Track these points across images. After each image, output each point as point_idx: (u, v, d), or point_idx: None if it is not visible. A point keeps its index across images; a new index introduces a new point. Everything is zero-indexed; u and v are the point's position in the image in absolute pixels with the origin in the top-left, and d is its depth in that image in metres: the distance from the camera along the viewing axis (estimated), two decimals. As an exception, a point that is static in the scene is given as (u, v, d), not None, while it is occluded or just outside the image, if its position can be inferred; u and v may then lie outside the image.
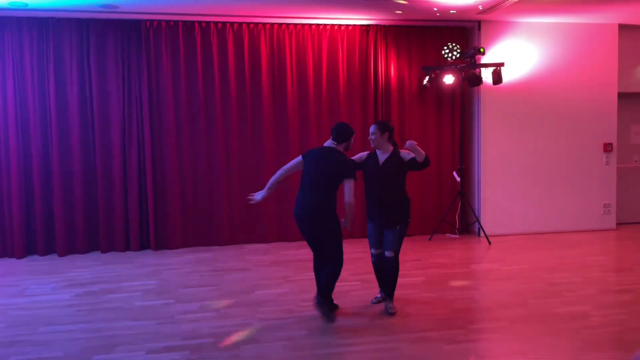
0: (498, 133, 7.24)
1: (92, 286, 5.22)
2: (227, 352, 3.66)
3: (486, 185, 7.27)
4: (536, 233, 7.33)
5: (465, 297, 4.77)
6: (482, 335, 3.94)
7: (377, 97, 7.18)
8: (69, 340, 3.89)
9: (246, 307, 4.55)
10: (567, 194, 7.43)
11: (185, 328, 4.10)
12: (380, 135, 4.33)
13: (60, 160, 6.45)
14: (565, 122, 7.36)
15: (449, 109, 7.39)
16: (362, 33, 7.11)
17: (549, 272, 5.48)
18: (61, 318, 4.35)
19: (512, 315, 4.27)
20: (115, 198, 6.60)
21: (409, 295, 4.79)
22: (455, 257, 6.22)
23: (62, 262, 6.20)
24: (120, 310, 4.51)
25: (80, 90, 6.50)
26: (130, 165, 6.62)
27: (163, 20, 6.59)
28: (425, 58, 7.23)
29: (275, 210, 7.04)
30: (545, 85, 7.27)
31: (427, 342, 3.77)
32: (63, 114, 6.46)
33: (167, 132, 6.69)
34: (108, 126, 6.57)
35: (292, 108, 7.00)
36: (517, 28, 7.16)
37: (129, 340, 3.87)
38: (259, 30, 6.86)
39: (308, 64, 7.01)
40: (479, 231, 7.21)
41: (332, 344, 3.76)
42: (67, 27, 6.40)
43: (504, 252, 6.42)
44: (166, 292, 5.02)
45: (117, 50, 6.52)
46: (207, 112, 6.81)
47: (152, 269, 5.85)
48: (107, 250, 6.62)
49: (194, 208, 6.86)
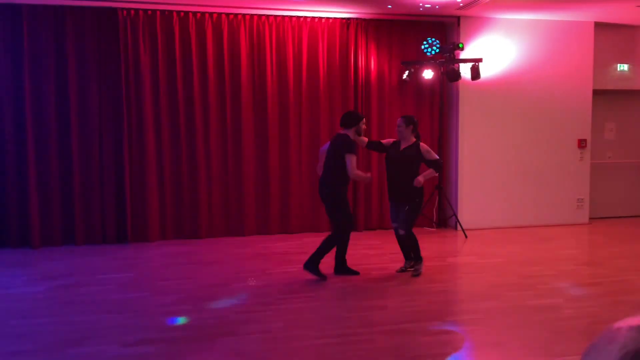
0: (476, 128, 7.31)
1: (67, 279, 5.14)
2: (203, 345, 3.64)
3: (463, 179, 7.35)
4: (512, 227, 7.45)
5: (441, 290, 4.83)
6: (458, 328, 3.99)
7: (357, 90, 7.19)
8: (41, 332, 3.83)
9: (223, 299, 4.53)
10: (542, 189, 7.56)
11: (161, 321, 4.06)
12: (405, 127, 5.03)
13: (36, 151, 6.32)
14: (541, 118, 7.47)
15: (428, 104, 7.44)
16: (342, 26, 7.10)
17: (523, 266, 5.58)
18: (34, 311, 4.28)
19: (486, 308, 4.34)
20: (91, 189, 6.50)
21: (385, 288, 4.83)
22: (432, 250, 6.28)
23: (37, 255, 6.09)
24: (95, 303, 4.45)
25: (56, 79, 6.36)
26: (108, 156, 6.52)
27: (140, 9, 6.48)
28: (405, 52, 7.26)
29: (255, 203, 7.02)
30: (522, 81, 7.37)
31: (403, 334, 3.81)
32: (38, 103, 6.32)
33: (145, 122, 6.60)
34: (85, 116, 6.46)
35: (272, 100, 6.97)
36: (495, 24, 7.23)
37: (103, 333, 3.82)
38: (238, 21, 6.80)
39: (288, 57, 6.98)
40: (456, 225, 7.29)
41: (309, 336, 3.77)
42: (42, 15, 6.25)
43: (480, 245, 6.51)
44: (142, 284, 4.97)
45: (94, 39, 6.40)
46: (185, 103, 6.73)
47: (129, 262, 5.79)
48: (83, 242, 6.53)
49: (173, 200, 6.80)
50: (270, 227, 7.05)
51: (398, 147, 5.07)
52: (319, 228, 7.15)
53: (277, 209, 7.09)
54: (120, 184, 6.60)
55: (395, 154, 5.04)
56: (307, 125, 7.12)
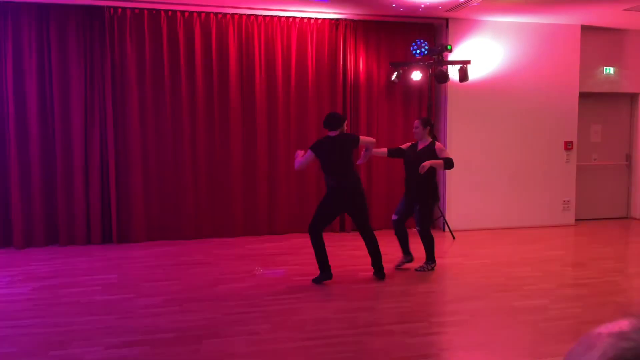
0: (464, 130, 7.35)
1: (51, 280, 5.08)
2: (188, 347, 3.61)
3: (451, 181, 7.38)
4: (499, 228, 7.49)
5: (427, 291, 4.84)
6: (443, 329, 4.00)
7: (346, 91, 7.19)
8: (25, 335, 3.77)
9: (209, 301, 4.50)
10: (529, 191, 7.61)
11: (146, 322, 4.02)
12: (422, 129, 5.25)
13: (18, 151, 6.24)
14: (528, 120, 7.53)
15: (416, 105, 7.46)
16: (331, 27, 7.09)
17: (509, 267, 5.61)
18: (17, 313, 4.21)
19: (472, 309, 4.35)
20: (75, 189, 6.42)
21: (372, 289, 4.83)
22: (420, 252, 6.27)
23: (20, 256, 6.00)
24: (79, 305, 4.40)
25: (39, 78, 6.29)
26: (92, 156, 6.45)
27: (127, 8, 6.42)
28: (394, 54, 7.27)
29: (242, 203, 6.99)
30: (509, 83, 7.41)
31: (389, 335, 3.81)
32: (21, 103, 6.24)
33: (131, 122, 6.54)
34: (68, 115, 6.38)
35: (260, 101, 6.94)
36: (483, 26, 7.27)
37: (87, 335, 3.77)
38: (227, 20, 6.77)
39: (277, 57, 6.95)
40: (443, 226, 7.31)
41: (295, 337, 3.76)
42: (26, 12, 6.17)
43: (467, 246, 6.54)
44: (127, 286, 4.92)
45: (79, 38, 6.33)
46: (172, 103, 6.68)
47: (114, 263, 5.72)
48: (67, 243, 6.45)
49: (158, 200, 6.74)
50: (257, 228, 7.02)
51: (415, 148, 5.30)
52: (306, 229, 7.11)
53: (265, 210, 7.06)
54: (105, 184, 6.54)
55: (413, 154, 5.24)
56: (295, 126, 7.11)
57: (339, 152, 4.92)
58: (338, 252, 6.16)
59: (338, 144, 4.93)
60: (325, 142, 4.96)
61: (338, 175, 4.92)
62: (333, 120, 4.98)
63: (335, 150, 4.92)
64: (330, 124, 4.97)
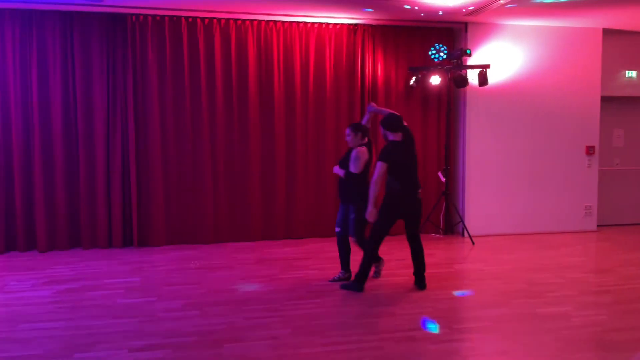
0: (483, 134, 7.30)
1: (74, 283, 5.15)
2: (210, 351, 3.63)
3: (470, 186, 7.33)
4: (519, 234, 7.41)
5: (449, 297, 4.80)
6: (466, 335, 3.96)
7: (364, 96, 7.19)
8: (49, 337, 3.83)
9: (230, 305, 4.52)
10: (550, 196, 7.52)
11: (168, 326, 4.06)
12: (354, 136, 5.03)
13: (42, 156, 6.35)
14: (548, 124, 7.45)
15: (435, 110, 7.43)
16: (349, 32, 7.11)
17: (530, 273, 5.54)
18: (41, 315, 4.28)
19: (494, 315, 4.31)
20: (98, 194, 6.51)
21: (393, 294, 4.81)
22: (439, 257, 6.26)
23: (43, 259, 6.10)
24: (102, 308, 4.45)
25: (63, 84, 6.40)
26: (114, 161, 6.53)
27: (149, 15, 6.51)
28: (412, 58, 7.26)
29: (260, 208, 7.01)
30: (529, 87, 7.35)
31: (412, 341, 3.79)
32: (45, 108, 6.35)
33: (152, 128, 6.62)
34: (91, 121, 6.48)
35: (278, 106, 6.97)
36: (503, 30, 7.22)
37: (111, 338, 3.82)
38: (246, 27, 6.82)
39: (295, 62, 6.99)
40: (462, 231, 7.26)
41: (316, 343, 3.76)
42: (51, 20, 6.29)
43: (487, 252, 6.48)
44: (149, 289, 4.97)
45: (102, 45, 6.43)
46: (192, 109, 6.75)
47: (135, 266, 5.79)
48: (89, 246, 6.54)
49: (178, 205, 6.80)
50: (275, 233, 7.04)
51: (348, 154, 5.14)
52: (323, 234, 7.14)
53: (283, 214, 7.08)
54: (126, 188, 6.62)
55: (342, 160, 5.16)
56: (313, 131, 7.13)
57: (412, 155, 4.86)
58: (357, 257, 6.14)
59: (410, 147, 4.85)
60: (396, 148, 4.79)
61: (412, 181, 4.83)
62: (397, 122, 4.84)
63: (410, 154, 4.84)
64: (398, 126, 4.82)
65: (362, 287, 4.87)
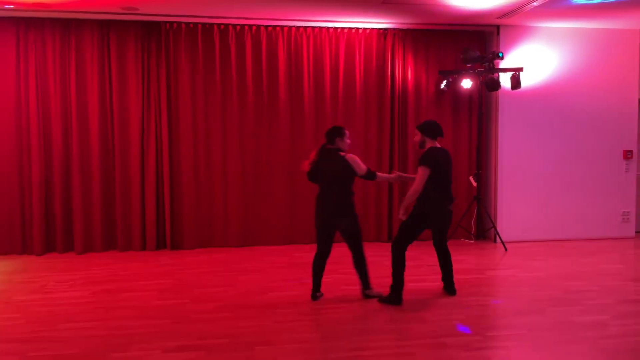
0: (516, 138, 7.18)
1: (109, 284, 5.28)
2: (242, 353, 3.67)
3: (503, 190, 7.21)
4: (553, 240, 7.25)
5: (481, 303, 4.73)
6: (499, 343, 3.90)
7: (394, 100, 7.16)
8: (87, 337, 3.94)
9: (260, 308, 4.56)
10: (585, 201, 7.34)
11: (200, 328, 4.12)
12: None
13: (80, 160, 6.54)
14: (584, 128, 7.28)
15: (466, 114, 7.35)
16: (379, 37, 7.10)
17: (566, 280, 5.42)
18: (79, 315, 4.41)
19: (529, 323, 4.22)
20: (132, 198, 6.67)
21: (424, 300, 4.77)
22: (471, 263, 6.17)
23: (80, 260, 6.28)
24: (137, 309, 4.55)
25: (100, 90, 6.59)
26: (148, 166, 6.69)
27: (182, 23, 6.65)
28: (443, 62, 7.21)
29: (288, 212, 7.06)
30: (564, 90, 7.20)
31: (443, 348, 3.75)
32: (83, 114, 6.55)
33: (184, 133, 6.75)
34: (127, 126, 6.66)
35: (308, 111, 7.01)
36: (536, 33, 7.10)
37: (145, 339, 3.90)
38: (276, 33, 6.90)
39: (325, 67, 7.02)
40: (495, 237, 7.15)
41: (346, 347, 3.76)
42: (88, 29, 6.50)
43: (520, 258, 6.36)
44: (181, 291, 5.05)
45: (137, 52, 6.60)
46: (223, 114, 6.85)
47: (168, 269, 5.90)
48: (124, 249, 6.70)
49: (209, 208, 6.90)
50: (303, 237, 7.05)
51: None
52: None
53: (310, 219, 7.05)
54: (160, 192, 6.76)
55: None
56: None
57: (449, 163, 4.74)
58: (386, 262, 6.11)
59: (448, 155, 4.74)
60: (439, 154, 4.65)
61: (449, 191, 4.71)
62: (438, 128, 4.72)
63: (448, 161, 4.72)
64: (438, 132, 4.69)
65: (400, 299, 4.66)
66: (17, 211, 6.48)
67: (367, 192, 7.16)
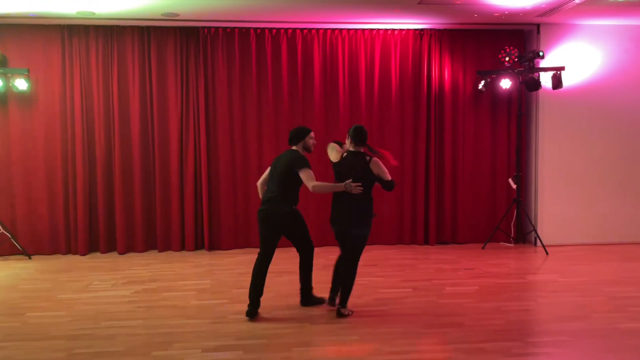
0: (557, 139, 6.99)
1: (150, 284, 5.41)
2: (279, 354, 3.70)
3: (544, 192, 7.03)
4: (597, 244, 7.02)
5: (521, 309, 4.62)
6: (540, 349, 3.80)
7: (430, 101, 7.09)
8: (129, 335, 4.05)
9: (297, 309, 4.58)
10: (631, 204, 7.08)
11: (239, 328, 4.17)
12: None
13: (122, 163, 6.73)
14: (629, 128, 7.03)
15: (505, 114, 7.20)
16: (415, 37, 7.04)
17: (611, 286, 5.24)
18: (121, 314, 4.53)
19: (572, 329, 4.10)
20: (172, 200, 6.82)
21: (462, 304, 4.69)
22: (511, 267, 6.05)
23: (122, 260, 6.46)
24: (176, 308, 4.65)
25: (141, 94, 6.76)
26: (187, 168, 6.82)
27: (220, 27, 6.76)
28: (481, 62, 7.09)
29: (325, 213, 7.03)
30: (608, 89, 6.97)
31: (482, 353, 3.68)
32: (125, 117, 6.74)
33: (222, 136, 6.86)
34: (166, 130, 6.81)
35: (343, 113, 7.02)
36: (578, 31, 6.90)
37: (185, 338, 3.98)
38: (312, 35, 6.93)
39: (360, 69, 7.01)
40: (535, 241, 6.97)
41: (384, 351, 3.73)
42: (130, 34, 6.69)
43: (562, 263, 6.18)
44: (220, 292, 5.13)
45: (176, 56, 6.75)
46: (259, 117, 6.93)
47: (206, 269, 6.00)
48: (164, 249, 6.85)
49: (246, 210, 6.98)
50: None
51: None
52: (386, 241, 7.10)
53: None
54: (198, 194, 6.88)
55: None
56: (378, 137, 7.10)
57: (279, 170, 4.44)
58: (423, 265, 6.07)
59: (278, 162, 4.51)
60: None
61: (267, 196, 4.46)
62: (289, 135, 4.58)
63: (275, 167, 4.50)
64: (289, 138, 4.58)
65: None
66: (62, 213, 6.72)
67: (402, 194, 7.11)
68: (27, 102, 6.60)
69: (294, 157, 4.35)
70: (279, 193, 4.35)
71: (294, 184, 4.36)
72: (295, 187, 4.39)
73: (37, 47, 6.57)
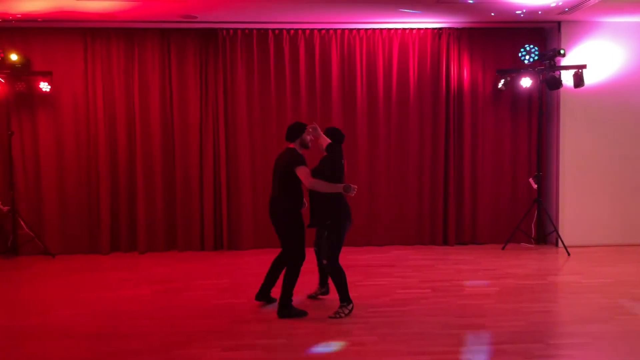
0: (579, 138, 6.88)
1: (170, 283, 5.47)
2: (298, 354, 3.71)
3: (565, 192, 6.93)
4: (620, 245, 6.88)
5: (542, 310, 4.56)
6: (562, 351, 3.75)
7: (449, 100, 7.04)
8: (150, 334, 4.10)
9: (315, 310, 4.59)
10: (656, 204, 6.93)
11: (257, 328, 4.20)
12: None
13: (143, 164, 6.83)
14: (654, 126, 6.88)
15: (525, 113, 7.12)
16: (434, 36, 7.00)
17: (634, 288, 5.13)
18: (142, 313, 4.59)
19: (594, 332, 4.04)
20: (192, 200, 6.90)
21: (482, 306, 4.65)
22: (531, 268, 5.97)
23: (143, 260, 6.55)
24: (196, 308, 4.69)
25: (162, 96, 6.86)
26: (206, 169, 6.89)
27: (239, 29, 6.81)
28: (501, 61, 7.01)
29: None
30: (631, 87, 6.84)
31: (502, 355, 3.64)
32: (146, 119, 6.84)
33: (241, 136, 6.91)
34: (186, 131, 6.89)
35: (361, 113, 7.01)
36: (600, 28, 6.79)
37: (204, 337, 4.02)
38: (330, 35, 6.94)
39: (378, 68, 7.00)
40: (556, 241, 6.87)
41: (402, 351, 3.72)
42: (150, 37, 6.77)
43: (584, 264, 6.09)
44: (239, 291, 5.17)
45: (196, 57, 6.83)
46: (278, 116, 6.96)
47: (225, 269, 6.05)
48: (184, 249, 6.92)
49: (265, 210, 6.98)
50: (357, 239, 7.03)
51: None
52: (406, 241, 7.06)
53: (364, 221, 7.06)
54: (217, 195, 6.94)
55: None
56: (395, 137, 7.09)
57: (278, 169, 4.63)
58: (442, 266, 6.03)
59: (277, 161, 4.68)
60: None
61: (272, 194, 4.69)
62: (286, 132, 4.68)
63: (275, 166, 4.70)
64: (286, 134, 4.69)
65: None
66: (85, 213, 6.84)
67: (421, 194, 7.08)
68: (50, 104, 6.73)
69: (290, 158, 4.48)
70: (281, 193, 4.53)
71: (294, 183, 4.49)
72: (295, 186, 4.52)
73: (60, 50, 6.69)
